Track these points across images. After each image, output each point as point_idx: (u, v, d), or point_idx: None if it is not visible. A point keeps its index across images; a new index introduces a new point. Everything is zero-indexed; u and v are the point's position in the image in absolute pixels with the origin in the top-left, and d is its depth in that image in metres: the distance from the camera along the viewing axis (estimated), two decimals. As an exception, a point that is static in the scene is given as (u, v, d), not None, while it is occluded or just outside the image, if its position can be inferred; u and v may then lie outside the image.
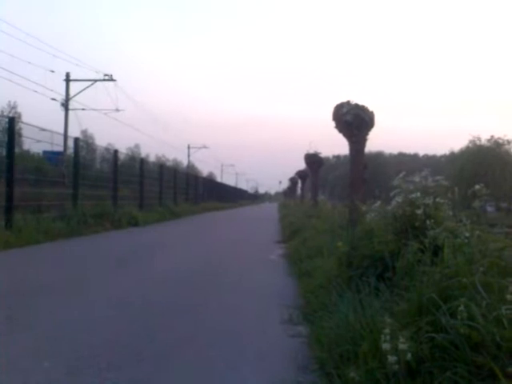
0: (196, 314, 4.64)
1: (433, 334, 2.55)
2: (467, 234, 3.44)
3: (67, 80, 30.87)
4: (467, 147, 41.47)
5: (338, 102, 7.69)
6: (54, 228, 11.48)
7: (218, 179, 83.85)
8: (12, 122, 11.49)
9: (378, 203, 5.31)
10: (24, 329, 3.99)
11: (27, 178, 12.79)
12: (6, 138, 11.33)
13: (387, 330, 2.60)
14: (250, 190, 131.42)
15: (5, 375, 3.02)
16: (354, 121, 7.42)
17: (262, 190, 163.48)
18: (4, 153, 11.31)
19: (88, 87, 31.22)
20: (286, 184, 58.83)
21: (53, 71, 29.23)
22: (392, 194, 4.92)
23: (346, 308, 3.47)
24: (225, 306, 5.06)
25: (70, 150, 16.45)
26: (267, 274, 7.19)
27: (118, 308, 4.82)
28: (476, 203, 3.78)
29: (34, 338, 3.78)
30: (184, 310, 4.83)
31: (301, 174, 25.28)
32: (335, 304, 3.78)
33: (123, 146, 68.14)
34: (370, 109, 7.57)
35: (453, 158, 45.65)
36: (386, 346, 2.55)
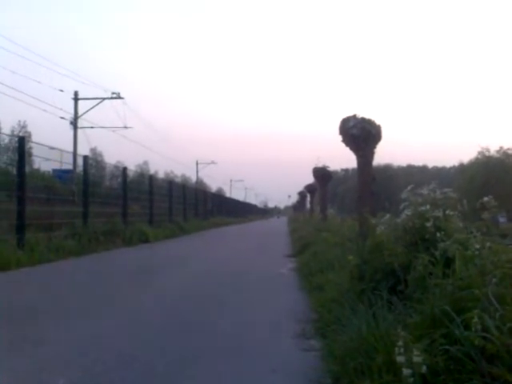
0: (206, 331, 4.62)
1: (447, 346, 2.53)
2: (477, 246, 3.43)
3: (76, 99, 31.24)
4: (476, 158, 41.36)
5: (345, 115, 7.72)
6: (65, 246, 11.55)
7: (227, 194, 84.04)
8: (22, 142, 11.64)
9: (388, 216, 5.31)
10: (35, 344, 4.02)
11: (38, 197, 12.89)
12: (16, 157, 11.47)
13: (401, 343, 2.59)
14: (260, 205, 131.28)
15: None
16: (360, 134, 7.43)
17: (271, 205, 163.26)
18: (15, 172, 11.43)
19: (96, 105, 31.60)
20: (295, 198, 58.81)
21: (62, 90, 29.64)
22: (401, 206, 4.92)
23: (358, 321, 3.46)
24: (236, 320, 5.05)
25: (80, 168, 16.63)
26: (278, 288, 7.18)
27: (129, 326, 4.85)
28: (485, 215, 3.77)
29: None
30: (192, 329, 4.83)
31: (309, 188, 25.22)
32: (348, 317, 3.76)
33: (132, 163, 68.37)
34: (377, 122, 7.59)
35: (462, 170, 45.59)
36: (400, 358, 2.53)
